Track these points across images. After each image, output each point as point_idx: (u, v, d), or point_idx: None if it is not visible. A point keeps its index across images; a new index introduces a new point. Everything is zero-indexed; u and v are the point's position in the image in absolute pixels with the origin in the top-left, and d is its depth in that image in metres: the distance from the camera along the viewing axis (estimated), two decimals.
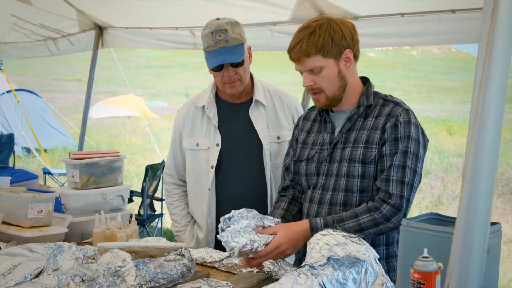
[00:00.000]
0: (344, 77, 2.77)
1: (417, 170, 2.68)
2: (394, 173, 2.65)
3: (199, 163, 3.48)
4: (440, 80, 33.51)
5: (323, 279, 2.21)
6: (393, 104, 2.77)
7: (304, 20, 5.33)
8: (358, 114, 2.79)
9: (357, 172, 2.74)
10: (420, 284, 1.95)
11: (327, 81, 2.75)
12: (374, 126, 2.75)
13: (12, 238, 3.16)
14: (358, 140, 2.76)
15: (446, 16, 4.55)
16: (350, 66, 2.77)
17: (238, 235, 2.58)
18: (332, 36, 2.69)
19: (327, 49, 2.69)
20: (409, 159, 2.66)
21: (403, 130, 2.68)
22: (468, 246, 1.72)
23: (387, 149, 2.69)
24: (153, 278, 2.49)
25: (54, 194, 3.33)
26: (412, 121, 2.71)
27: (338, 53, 2.71)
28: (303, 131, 3.02)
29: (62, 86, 30.33)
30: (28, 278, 2.56)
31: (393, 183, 2.64)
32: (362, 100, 2.80)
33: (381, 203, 2.64)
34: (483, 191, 1.69)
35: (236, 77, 3.32)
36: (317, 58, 2.71)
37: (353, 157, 2.75)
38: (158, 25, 6.92)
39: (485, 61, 1.57)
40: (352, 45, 2.75)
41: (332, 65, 2.73)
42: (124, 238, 3.24)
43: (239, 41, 3.28)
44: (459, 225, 1.71)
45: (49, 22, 7.62)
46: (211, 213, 3.46)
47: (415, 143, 2.68)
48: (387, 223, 2.63)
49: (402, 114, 2.71)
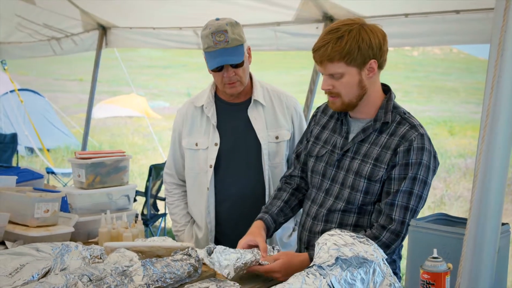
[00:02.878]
0: (364, 87, 2.73)
1: (423, 196, 2.68)
2: (400, 199, 2.64)
3: (198, 162, 3.48)
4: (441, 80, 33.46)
5: (332, 279, 2.22)
6: (409, 125, 2.72)
7: (308, 20, 5.40)
8: (373, 128, 2.76)
9: (362, 187, 2.74)
10: (429, 285, 1.96)
11: (346, 88, 2.72)
12: (387, 145, 2.72)
13: (18, 238, 3.16)
14: (368, 155, 2.74)
15: (450, 17, 4.56)
16: (373, 76, 2.72)
17: (227, 253, 2.62)
18: (359, 45, 2.63)
19: (352, 57, 2.64)
20: (417, 186, 2.65)
21: (415, 156, 2.65)
22: (479, 247, 1.72)
23: (396, 172, 2.67)
24: (160, 278, 2.49)
25: (61, 194, 3.33)
26: (426, 147, 2.67)
27: (362, 63, 2.66)
28: (318, 124, 3.01)
29: (64, 86, 30.31)
30: (35, 278, 2.56)
31: (397, 208, 2.63)
32: (380, 115, 2.76)
33: (381, 230, 2.65)
34: (494, 192, 1.69)
35: (236, 77, 3.32)
36: (340, 65, 2.66)
37: (361, 171, 2.74)
38: (161, 25, 6.93)
39: (497, 62, 1.57)
40: (379, 56, 2.69)
41: (354, 74, 2.69)
42: (130, 237, 3.24)
43: (239, 41, 3.28)
44: (470, 225, 1.71)
45: (53, 22, 7.64)
46: (210, 212, 3.47)
47: (425, 170, 2.66)
48: (386, 250, 2.62)
49: (416, 139, 2.67)
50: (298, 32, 5.61)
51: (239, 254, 2.65)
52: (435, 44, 5.49)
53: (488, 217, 1.71)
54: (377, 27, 2.71)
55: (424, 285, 1.98)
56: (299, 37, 5.64)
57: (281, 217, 3.02)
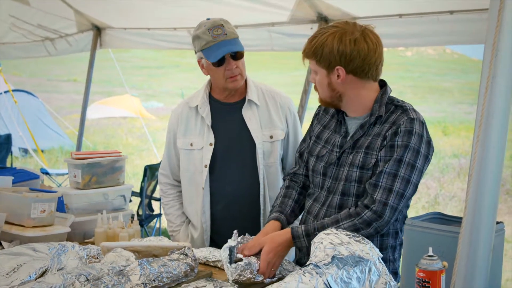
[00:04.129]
0: (335, 89, 2.75)
1: (411, 180, 2.64)
2: (383, 180, 2.63)
3: (193, 162, 3.49)
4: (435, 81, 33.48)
5: (328, 278, 2.23)
6: (401, 111, 2.73)
7: (302, 21, 5.42)
8: (369, 123, 2.77)
9: (355, 177, 2.74)
10: (425, 283, 1.97)
11: (320, 86, 2.79)
12: (378, 132, 2.73)
13: (15, 238, 3.16)
14: (361, 146, 2.76)
15: (444, 17, 4.58)
16: (346, 82, 2.72)
17: None
18: (323, 48, 2.67)
19: (317, 58, 2.70)
20: (403, 168, 2.62)
21: (401, 139, 2.65)
22: (474, 245, 1.73)
23: (382, 154, 2.68)
24: (157, 278, 2.50)
25: (57, 194, 3.34)
26: (415, 130, 2.66)
27: (328, 67, 2.70)
28: (320, 123, 3.02)
29: (57, 87, 30.23)
30: (32, 278, 2.57)
31: (380, 189, 2.62)
32: (375, 108, 2.76)
33: (363, 208, 2.64)
34: (488, 191, 1.71)
35: (238, 70, 3.34)
36: (313, 62, 2.75)
37: (353, 161, 2.75)
38: (156, 26, 6.93)
39: (491, 62, 1.59)
40: (344, 64, 2.67)
41: (323, 75, 2.74)
42: (126, 237, 3.25)
43: (236, 35, 3.32)
44: (466, 224, 1.72)
45: (47, 22, 7.62)
46: (205, 212, 3.48)
47: (413, 153, 2.64)
48: (367, 228, 2.62)
49: (405, 123, 2.67)
50: (292, 33, 5.62)
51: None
52: (430, 44, 5.52)
53: (483, 215, 1.72)
54: (374, 37, 2.70)
55: (419, 283, 1.99)
56: (293, 38, 5.65)
57: (292, 218, 3.02)
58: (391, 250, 2.83)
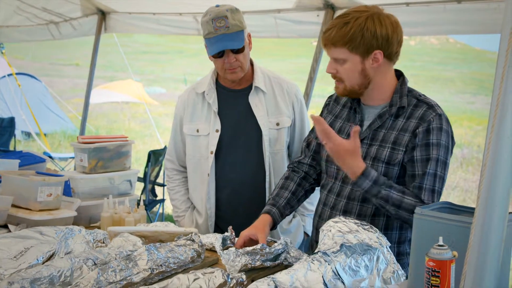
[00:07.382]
0: (367, 76, 2.70)
1: (445, 178, 2.68)
2: (427, 182, 2.63)
3: (199, 148, 3.49)
4: (437, 70, 33.47)
5: (336, 266, 2.24)
6: (426, 106, 2.71)
7: (309, 8, 5.39)
8: (389, 114, 2.74)
9: (380, 171, 2.70)
10: (435, 272, 1.97)
11: (348, 74, 2.70)
12: (404, 127, 2.70)
13: (21, 221, 3.17)
14: (386, 140, 2.72)
15: (451, 6, 4.56)
16: (379, 67, 2.69)
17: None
18: (363, 33, 2.60)
19: (354, 45, 2.63)
20: (439, 167, 2.64)
21: (435, 136, 2.64)
22: (486, 235, 1.73)
23: (417, 154, 2.66)
24: (164, 263, 2.50)
25: (64, 178, 3.34)
26: (443, 127, 2.67)
27: (365, 52, 2.64)
28: (331, 113, 2.98)
29: (59, 71, 30.25)
30: (40, 261, 2.57)
31: (425, 191, 2.62)
32: (395, 99, 2.74)
33: (419, 202, 2.62)
34: (502, 181, 1.70)
35: (237, 63, 3.32)
36: (343, 50, 2.65)
37: (379, 156, 2.72)
38: (161, 11, 6.91)
39: (507, 51, 1.57)
40: (385, 47, 2.65)
41: (357, 62, 2.67)
42: (132, 222, 3.24)
43: (239, 27, 3.28)
44: (478, 214, 1.72)
45: (52, 5, 7.60)
46: (210, 198, 3.48)
47: (445, 151, 2.66)
48: None
49: (435, 119, 2.66)
50: (298, 20, 5.61)
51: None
52: (436, 33, 5.50)
53: (496, 205, 1.72)
54: (391, 18, 2.67)
55: (429, 273, 1.99)
56: (299, 25, 5.64)
57: (288, 210, 3.00)
58: (409, 244, 2.81)
